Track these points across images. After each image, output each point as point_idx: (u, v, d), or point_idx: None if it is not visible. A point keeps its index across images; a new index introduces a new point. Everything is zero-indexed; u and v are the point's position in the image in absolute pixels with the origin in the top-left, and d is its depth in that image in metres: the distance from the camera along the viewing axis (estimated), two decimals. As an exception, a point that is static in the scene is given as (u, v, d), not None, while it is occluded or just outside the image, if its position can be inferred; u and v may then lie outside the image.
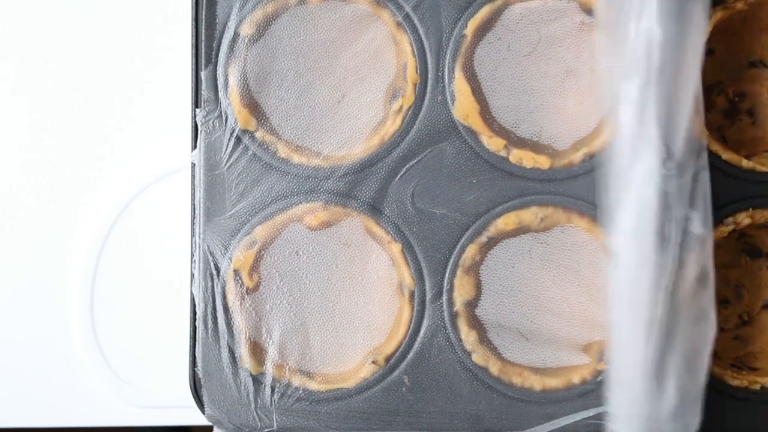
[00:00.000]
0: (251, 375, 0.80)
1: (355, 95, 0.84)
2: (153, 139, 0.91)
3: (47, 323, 0.91)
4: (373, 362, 0.80)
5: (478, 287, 0.81)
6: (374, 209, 0.80)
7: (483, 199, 0.80)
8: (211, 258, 0.80)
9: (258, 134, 0.80)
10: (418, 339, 0.80)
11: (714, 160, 0.80)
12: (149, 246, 0.91)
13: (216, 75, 0.80)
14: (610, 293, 0.72)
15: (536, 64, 0.86)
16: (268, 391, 0.80)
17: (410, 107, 0.80)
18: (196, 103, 0.81)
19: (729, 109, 0.85)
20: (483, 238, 0.80)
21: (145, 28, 0.91)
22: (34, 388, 0.91)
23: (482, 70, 0.82)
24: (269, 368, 0.80)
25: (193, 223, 0.81)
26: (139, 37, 0.91)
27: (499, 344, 0.81)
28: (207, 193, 0.80)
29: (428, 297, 0.80)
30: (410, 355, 0.80)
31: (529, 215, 0.80)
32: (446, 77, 0.80)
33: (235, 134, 0.80)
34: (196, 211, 0.81)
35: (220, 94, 0.80)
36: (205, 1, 0.80)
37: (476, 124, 0.80)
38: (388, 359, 0.80)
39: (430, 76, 0.80)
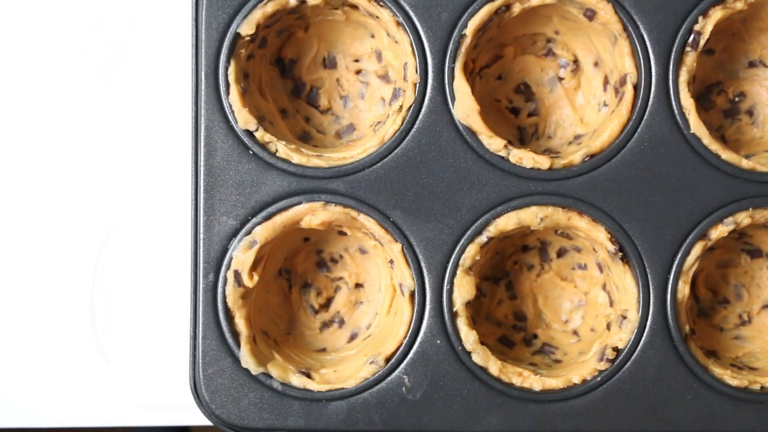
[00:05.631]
0: (251, 375, 0.80)
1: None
2: (153, 139, 0.91)
3: (47, 323, 0.91)
4: (372, 362, 0.80)
5: (478, 287, 0.82)
6: (374, 209, 0.80)
7: (483, 199, 0.80)
8: (211, 258, 0.80)
9: (258, 134, 0.80)
10: (418, 339, 0.80)
11: (714, 160, 0.80)
12: (149, 246, 0.91)
13: (216, 75, 0.80)
14: None
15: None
16: (268, 391, 0.80)
17: (410, 107, 0.80)
18: (197, 103, 0.81)
19: (729, 109, 0.85)
20: (483, 238, 0.80)
21: (146, 27, 0.91)
22: (33, 389, 0.91)
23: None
24: (269, 368, 0.80)
25: (193, 223, 0.81)
26: (139, 37, 0.91)
27: None
28: (207, 193, 0.80)
29: (428, 297, 0.80)
30: (410, 356, 0.80)
31: (529, 215, 0.80)
32: (446, 77, 0.80)
33: (235, 134, 0.80)
34: (197, 211, 0.81)
35: (221, 93, 0.80)
36: (205, 1, 0.80)
37: (476, 124, 0.80)
38: (388, 359, 0.80)
39: (430, 76, 0.80)
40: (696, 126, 0.79)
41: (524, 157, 0.80)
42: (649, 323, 0.80)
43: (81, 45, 0.91)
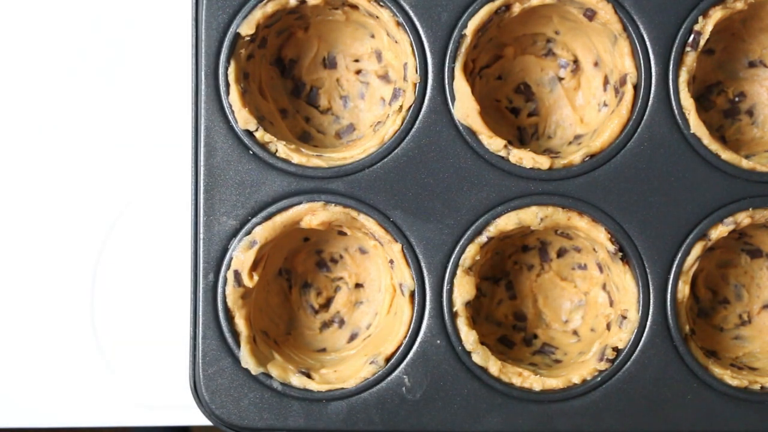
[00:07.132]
0: (251, 375, 0.80)
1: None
2: (153, 139, 0.91)
3: (47, 324, 0.91)
4: (372, 362, 0.80)
5: (478, 287, 0.82)
6: (374, 209, 0.80)
7: (483, 199, 0.80)
8: (211, 258, 0.80)
9: (258, 134, 0.80)
10: (418, 339, 0.80)
11: (714, 160, 0.80)
12: (149, 245, 0.91)
13: (216, 75, 0.80)
14: None
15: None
16: (268, 391, 0.80)
17: (410, 107, 0.80)
18: (197, 103, 0.81)
19: (729, 109, 0.85)
20: (483, 238, 0.80)
21: (146, 27, 0.91)
22: (33, 389, 0.91)
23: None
24: (269, 368, 0.80)
25: (193, 223, 0.81)
26: (139, 37, 0.91)
27: None
28: (207, 192, 0.80)
29: (428, 297, 0.80)
30: (410, 356, 0.80)
31: (529, 215, 0.80)
32: (446, 77, 0.80)
33: (235, 134, 0.80)
34: (197, 211, 0.81)
35: (221, 93, 0.80)
36: (205, 1, 0.80)
37: (476, 124, 0.80)
38: (388, 359, 0.80)
39: (430, 76, 0.80)
40: (696, 126, 0.79)
41: (524, 157, 0.80)
42: (649, 323, 0.80)
43: (81, 45, 0.91)
